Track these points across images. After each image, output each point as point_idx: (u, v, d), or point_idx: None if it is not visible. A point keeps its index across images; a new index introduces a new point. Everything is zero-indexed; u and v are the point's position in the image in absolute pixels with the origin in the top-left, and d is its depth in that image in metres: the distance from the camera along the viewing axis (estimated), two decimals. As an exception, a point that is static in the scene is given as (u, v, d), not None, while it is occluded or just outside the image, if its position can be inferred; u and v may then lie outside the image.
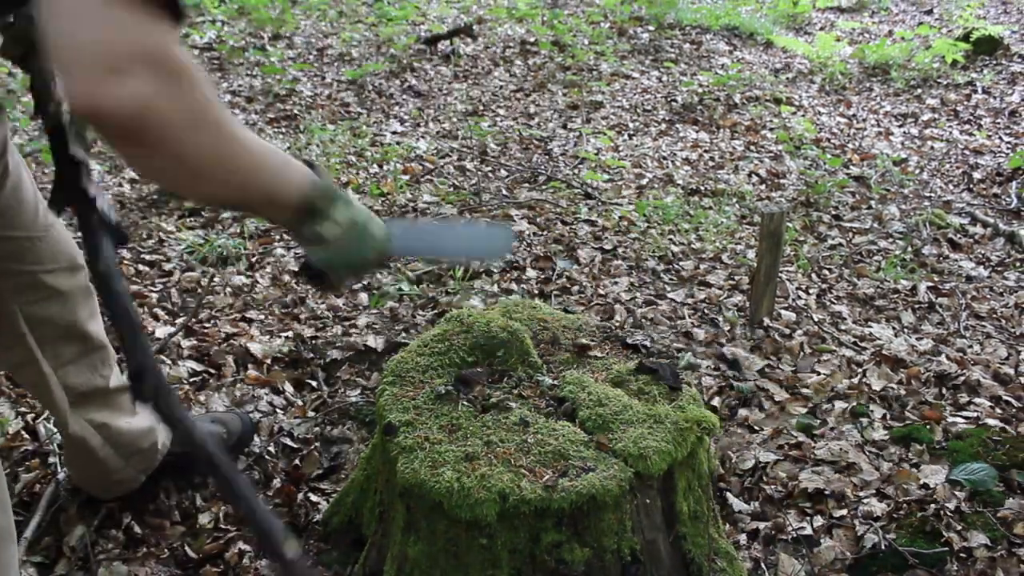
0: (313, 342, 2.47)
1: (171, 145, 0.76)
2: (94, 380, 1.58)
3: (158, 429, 1.74)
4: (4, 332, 1.45)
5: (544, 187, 3.95)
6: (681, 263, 3.19)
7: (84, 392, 1.57)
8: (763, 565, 1.70)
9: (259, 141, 0.90)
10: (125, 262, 2.99)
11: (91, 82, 0.68)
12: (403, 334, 2.53)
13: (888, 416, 2.19)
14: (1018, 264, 3.35)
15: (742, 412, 2.21)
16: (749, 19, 7.26)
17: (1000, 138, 4.86)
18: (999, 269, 3.32)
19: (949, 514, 1.78)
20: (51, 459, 1.87)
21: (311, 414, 2.14)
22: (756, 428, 2.15)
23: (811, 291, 3.03)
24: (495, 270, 3.02)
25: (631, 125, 5.03)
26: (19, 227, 1.37)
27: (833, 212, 3.88)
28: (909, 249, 3.47)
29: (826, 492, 1.88)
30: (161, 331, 2.49)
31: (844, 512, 1.83)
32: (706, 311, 2.80)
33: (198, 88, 0.76)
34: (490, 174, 4.10)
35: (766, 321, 2.65)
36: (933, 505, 1.82)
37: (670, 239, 3.42)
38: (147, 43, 0.70)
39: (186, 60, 0.74)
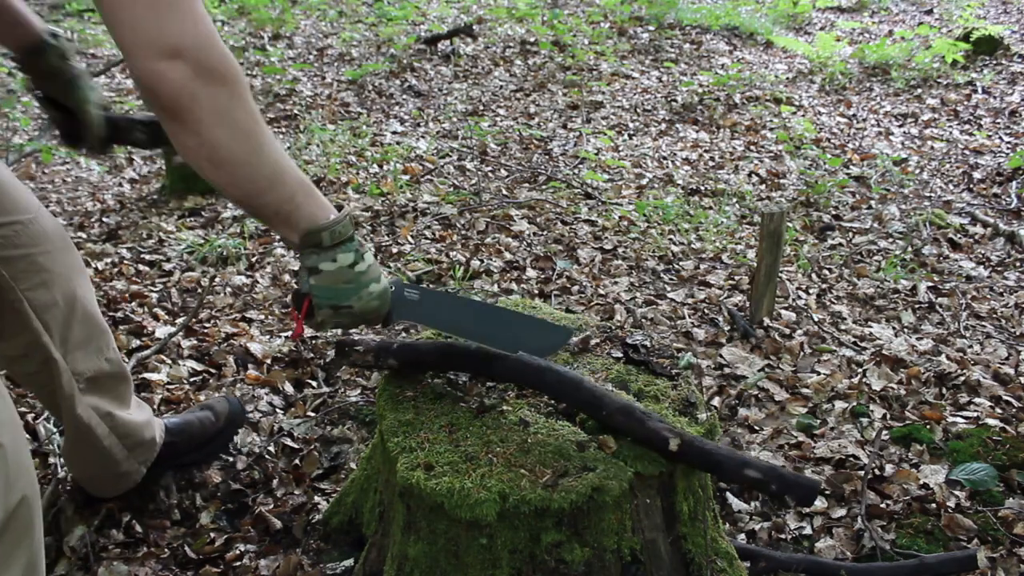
0: (313, 342, 2.47)
1: (202, 129, 0.96)
2: (100, 364, 1.58)
3: (155, 423, 1.74)
4: (9, 320, 1.44)
5: (544, 187, 3.95)
6: (681, 263, 3.19)
7: (91, 377, 1.57)
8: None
9: (292, 166, 1.07)
10: (125, 262, 2.99)
11: (151, 61, 0.90)
12: (403, 334, 2.53)
13: (888, 416, 2.19)
14: (1018, 264, 3.35)
15: (742, 412, 2.21)
16: (749, 19, 7.26)
17: (1000, 138, 4.86)
18: (999, 269, 3.32)
19: (949, 514, 1.78)
20: (51, 459, 1.87)
21: (311, 414, 2.14)
22: (756, 428, 2.15)
23: (811, 291, 3.03)
24: (495, 270, 3.02)
25: (631, 125, 5.04)
26: (6, 212, 1.38)
27: (833, 212, 3.88)
28: (909, 249, 3.47)
29: (826, 492, 1.89)
30: (161, 331, 2.49)
31: (844, 512, 1.83)
32: (706, 311, 2.80)
33: (237, 92, 0.97)
34: (490, 174, 4.10)
35: (766, 321, 2.65)
36: (933, 505, 1.82)
37: (670, 239, 3.42)
38: (199, 43, 0.92)
39: (231, 67, 0.96)
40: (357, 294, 1.18)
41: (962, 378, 2.36)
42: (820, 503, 1.86)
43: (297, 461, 1.96)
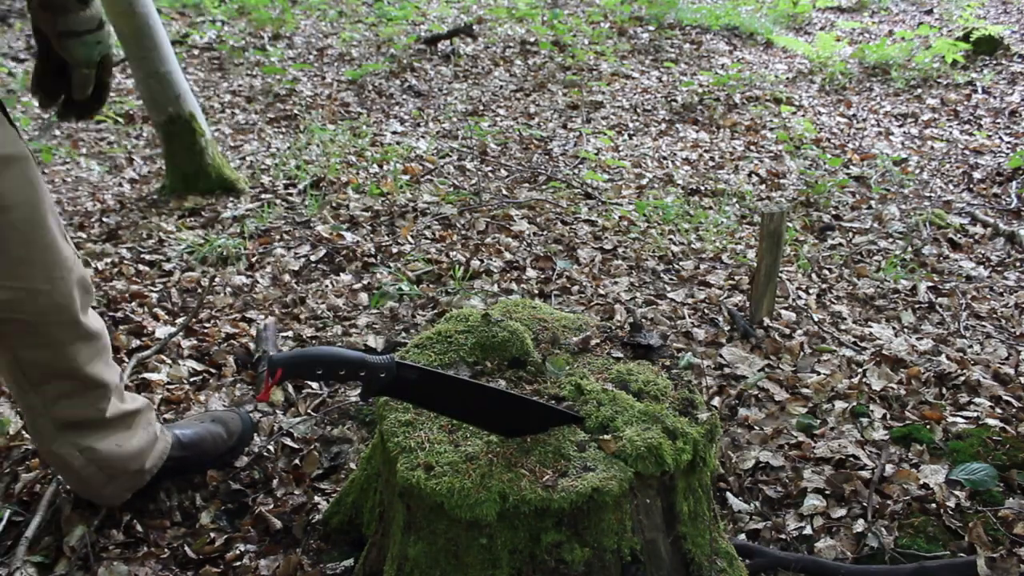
0: (313, 342, 2.47)
1: None
2: (87, 412, 1.55)
3: (151, 452, 1.70)
4: None
5: (544, 187, 3.95)
6: (681, 263, 3.19)
7: (74, 421, 1.55)
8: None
9: None
10: (125, 262, 2.99)
11: None
12: (403, 334, 2.53)
13: (888, 416, 2.19)
14: (1018, 264, 3.35)
15: (742, 412, 2.21)
16: (749, 19, 7.26)
17: (1000, 138, 4.86)
18: (999, 269, 3.32)
19: (949, 514, 1.78)
20: (51, 459, 1.87)
21: (311, 414, 2.14)
22: (756, 428, 2.15)
23: (811, 291, 3.03)
24: (495, 270, 3.02)
25: (631, 125, 5.04)
26: (22, 278, 1.36)
27: (833, 212, 3.88)
28: (909, 249, 3.47)
29: (826, 492, 1.89)
30: (161, 331, 2.49)
31: (844, 512, 1.83)
32: (706, 311, 2.80)
33: None
34: (490, 174, 4.10)
35: (766, 321, 2.65)
36: (933, 505, 1.82)
37: (670, 239, 3.42)
38: None
39: None
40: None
41: (962, 378, 2.36)
42: (820, 503, 1.86)
43: (297, 461, 1.96)
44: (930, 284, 3.12)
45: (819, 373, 2.41)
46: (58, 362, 1.47)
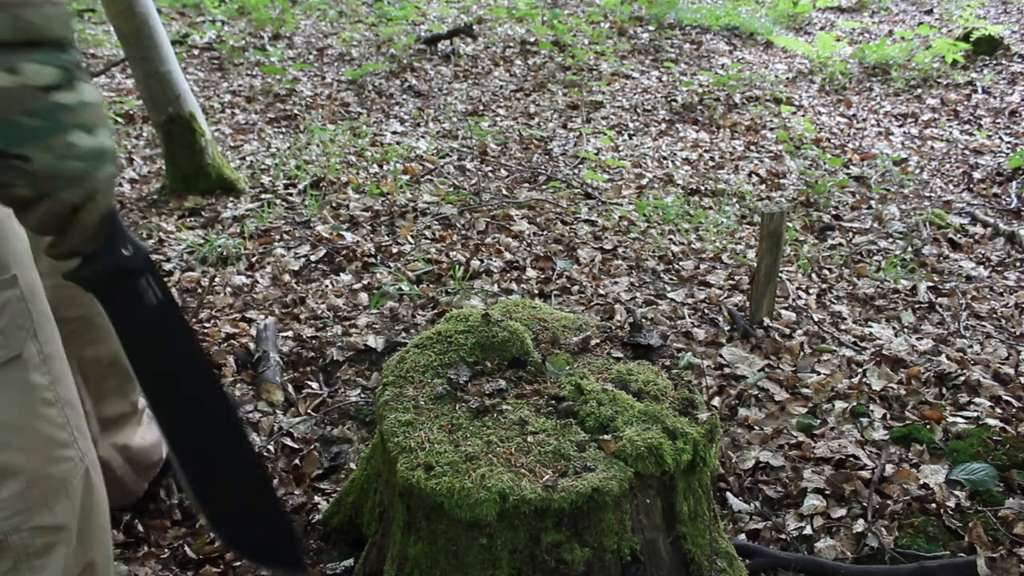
0: (313, 342, 2.47)
1: None
2: (123, 407, 1.61)
3: (163, 442, 1.75)
4: None
5: (544, 187, 3.95)
6: (681, 263, 3.19)
7: (114, 418, 1.60)
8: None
9: None
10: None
11: None
12: (403, 334, 2.53)
13: (888, 416, 2.19)
14: (1018, 264, 3.35)
15: (742, 412, 2.21)
16: (749, 19, 7.26)
17: (1000, 138, 4.86)
18: (999, 269, 3.32)
19: (949, 514, 1.78)
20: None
21: (311, 414, 2.14)
22: (756, 428, 2.15)
23: (811, 291, 3.03)
24: (495, 270, 3.02)
25: (631, 125, 5.03)
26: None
27: (833, 212, 3.88)
28: (909, 249, 3.47)
29: (826, 492, 1.89)
30: (161, 331, 2.49)
31: (844, 512, 1.83)
32: (706, 311, 2.80)
33: None
34: (490, 174, 4.10)
35: (766, 321, 2.65)
36: (933, 505, 1.82)
37: (670, 239, 3.42)
38: None
39: None
40: (46, 140, 0.70)
41: (962, 378, 2.36)
42: (820, 503, 1.86)
43: (297, 461, 1.95)
44: (930, 284, 3.12)
45: (819, 373, 2.41)
46: (108, 351, 1.50)
